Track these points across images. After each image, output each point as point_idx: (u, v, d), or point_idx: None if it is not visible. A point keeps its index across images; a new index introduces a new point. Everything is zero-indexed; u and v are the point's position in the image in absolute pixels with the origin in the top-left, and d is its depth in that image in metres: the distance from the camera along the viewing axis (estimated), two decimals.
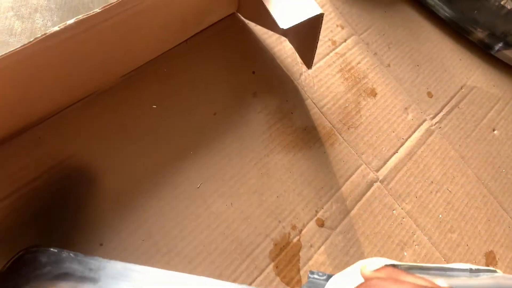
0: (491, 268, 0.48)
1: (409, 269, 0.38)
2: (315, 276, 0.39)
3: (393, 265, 0.36)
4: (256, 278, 0.43)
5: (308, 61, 0.51)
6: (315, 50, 0.48)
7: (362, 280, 0.32)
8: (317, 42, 0.46)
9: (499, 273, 0.49)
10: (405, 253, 0.53)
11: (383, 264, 0.36)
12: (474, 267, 0.45)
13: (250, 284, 0.42)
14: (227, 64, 0.52)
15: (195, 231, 0.42)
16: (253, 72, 0.53)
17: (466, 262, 0.57)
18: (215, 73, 0.51)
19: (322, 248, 0.47)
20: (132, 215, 0.40)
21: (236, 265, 0.42)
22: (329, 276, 0.39)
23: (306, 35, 0.47)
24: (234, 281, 0.41)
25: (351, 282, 0.36)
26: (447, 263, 0.55)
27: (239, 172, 0.47)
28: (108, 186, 0.41)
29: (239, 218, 0.45)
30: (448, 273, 0.42)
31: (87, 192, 0.39)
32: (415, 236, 0.54)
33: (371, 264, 0.35)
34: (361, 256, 0.50)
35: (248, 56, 0.53)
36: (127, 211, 0.40)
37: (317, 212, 0.49)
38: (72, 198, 0.39)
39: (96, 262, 0.34)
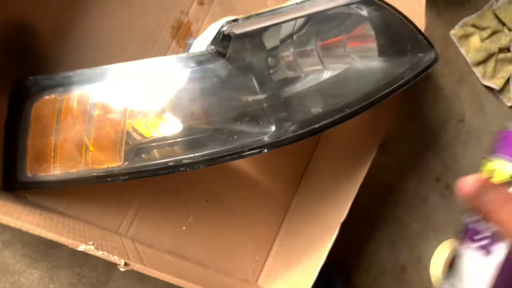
0: None
1: (247, 19, 0.61)
2: (190, 40, 0.63)
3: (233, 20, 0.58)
4: (166, 52, 0.67)
5: None
6: None
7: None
8: None
9: None
10: (268, 3, 0.75)
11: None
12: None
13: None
14: None
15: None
16: None
17: None
18: None
19: (206, 19, 0.70)
20: None
21: (149, 50, 0.66)
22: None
23: None
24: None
25: (210, 36, 0.58)
26: None
27: None
28: None
29: (143, 15, 0.66)
30: (278, 11, 0.64)
31: None
32: None
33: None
34: None
35: None
36: None
37: None
38: None
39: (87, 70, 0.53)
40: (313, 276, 0.64)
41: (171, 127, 0.52)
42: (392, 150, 0.88)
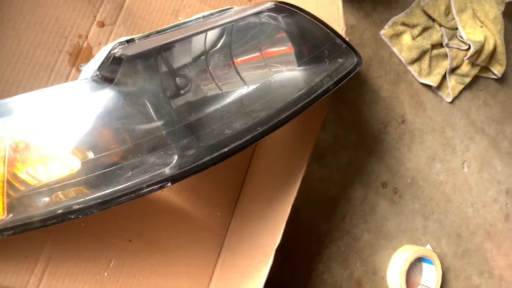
0: (226, 7, 0.65)
1: (147, 37, 0.55)
2: (81, 67, 0.56)
3: (127, 40, 0.53)
4: (65, 81, 0.60)
5: None
6: None
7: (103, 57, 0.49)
8: None
9: (235, 8, 0.66)
10: (180, 18, 0.69)
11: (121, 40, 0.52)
12: (207, 13, 0.62)
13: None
14: None
15: None
16: None
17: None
18: None
19: (109, 41, 0.64)
20: None
21: (44, 82, 0.59)
22: None
23: None
24: None
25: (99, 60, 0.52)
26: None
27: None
28: None
29: (31, 47, 0.59)
30: (182, 26, 0.58)
31: None
32: (184, 1, 0.69)
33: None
34: None
35: None
36: None
37: (95, 17, 0.63)
38: None
39: None
40: None
41: (56, 169, 0.45)
42: (332, 161, 0.83)
